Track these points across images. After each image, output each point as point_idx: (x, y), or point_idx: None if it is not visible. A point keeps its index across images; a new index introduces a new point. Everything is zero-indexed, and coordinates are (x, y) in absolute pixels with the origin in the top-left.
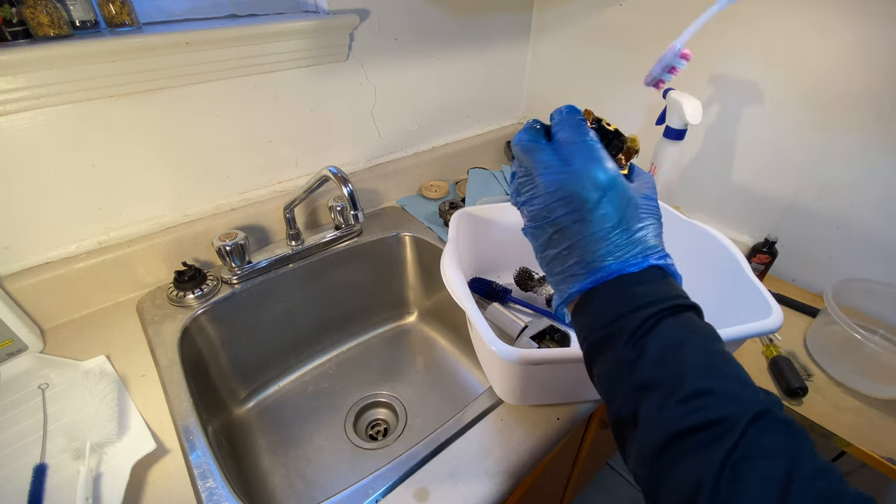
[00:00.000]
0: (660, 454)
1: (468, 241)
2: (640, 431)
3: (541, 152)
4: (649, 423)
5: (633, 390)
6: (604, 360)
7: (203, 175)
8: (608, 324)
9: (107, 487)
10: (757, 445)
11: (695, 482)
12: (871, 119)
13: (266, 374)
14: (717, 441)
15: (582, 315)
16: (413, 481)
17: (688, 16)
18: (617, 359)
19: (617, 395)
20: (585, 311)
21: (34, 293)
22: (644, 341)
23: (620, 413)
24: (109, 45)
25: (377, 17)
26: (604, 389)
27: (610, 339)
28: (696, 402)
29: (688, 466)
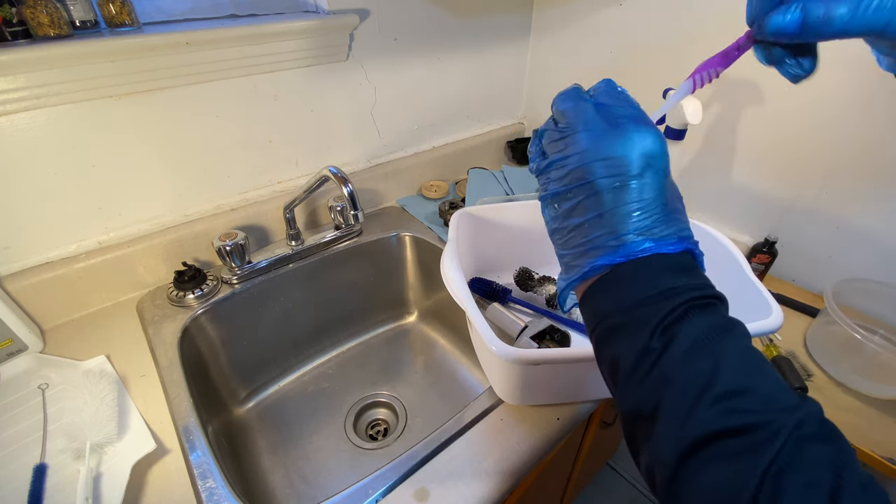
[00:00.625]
0: (687, 457)
1: (468, 241)
2: (662, 430)
3: (587, 108)
4: (676, 421)
5: (657, 384)
6: (621, 349)
7: (203, 175)
8: (629, 308)
9: (107, 487)
10: (801, 456)
11: (730, 492)
12: (871, 119)
13: (266, 374)
14: (757, 448)
15: (597, 298)
16: (413, 481)
17: (688, 16)
18: (638, 348)
19: (635, 389)
20: (602, 293)
21: (34, 293)
22: (672, 331)
23: (639, 408)
24: (109, 45)
25: (377, 17)
26: (618, 381)
27: (630, 325)
28: (732, 402)
29: (721, 473)
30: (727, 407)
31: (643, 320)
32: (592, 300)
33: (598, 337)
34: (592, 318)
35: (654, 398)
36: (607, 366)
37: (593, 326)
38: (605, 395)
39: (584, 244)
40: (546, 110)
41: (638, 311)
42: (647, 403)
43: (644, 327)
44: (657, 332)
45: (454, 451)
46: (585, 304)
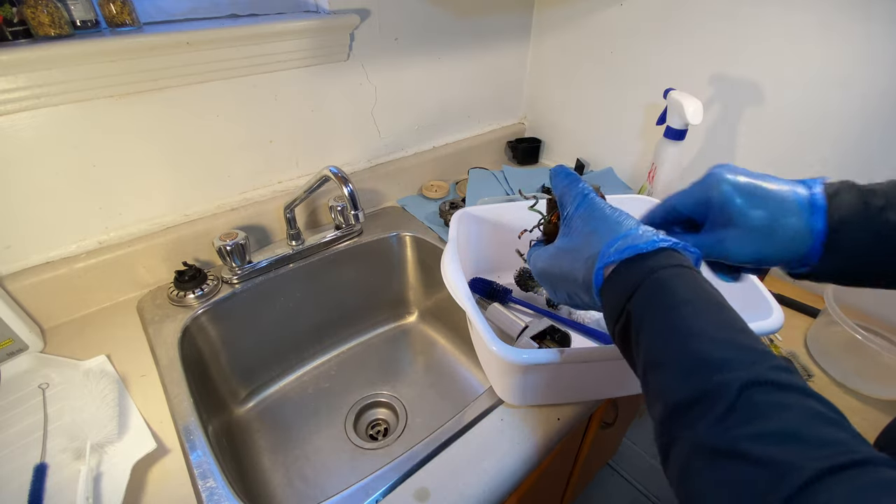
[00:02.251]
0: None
1: (469, 241)
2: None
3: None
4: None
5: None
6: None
7: (203, 175)
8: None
9: (107, 487)
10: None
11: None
12: (872, 120)
13: (266, 374)
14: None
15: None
16: (413, 481)
17: (688, 16)
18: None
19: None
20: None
21: (34, 293)
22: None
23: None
24: (110, 44)
25: (378, 17)
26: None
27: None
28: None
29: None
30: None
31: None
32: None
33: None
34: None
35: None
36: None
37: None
38: (605, 395)
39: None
40: (547, 111)
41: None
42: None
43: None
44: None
45: (454, 451)
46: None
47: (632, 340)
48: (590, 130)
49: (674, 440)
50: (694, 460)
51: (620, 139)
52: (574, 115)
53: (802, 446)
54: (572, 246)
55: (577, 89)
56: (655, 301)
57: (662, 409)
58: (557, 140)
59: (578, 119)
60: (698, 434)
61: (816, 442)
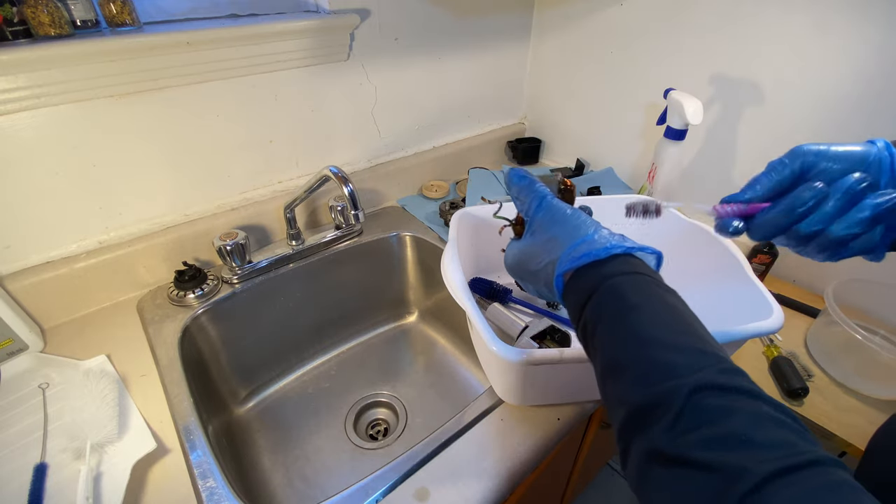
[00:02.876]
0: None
1: (469, 241)
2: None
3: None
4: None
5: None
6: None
7: (204, 175)
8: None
9: (107, 487)
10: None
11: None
12: (871, 119)
13: (266, 374)
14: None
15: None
16: (413, 481)
17: (688, 16)
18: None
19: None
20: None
21: (35, 292)
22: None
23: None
24: (110, 44)
25: (378, 17)
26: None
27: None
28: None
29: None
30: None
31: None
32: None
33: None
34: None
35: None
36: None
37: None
38: None
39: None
40: (547, 111)
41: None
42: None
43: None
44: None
45: (454, 451)
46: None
47: (589, 347)
48: (590, 130)
49: (630, 445)
50: (647, 466)
51: (620, 139)
52: (574, 115)
53: (751, 450)
54: (534, 249)
55: (577, 89)
56: (607, 308)
57: (620, 415)
58: (557, 140)
59: (578, 119)
60: (651, 439)
61: (765, 444)
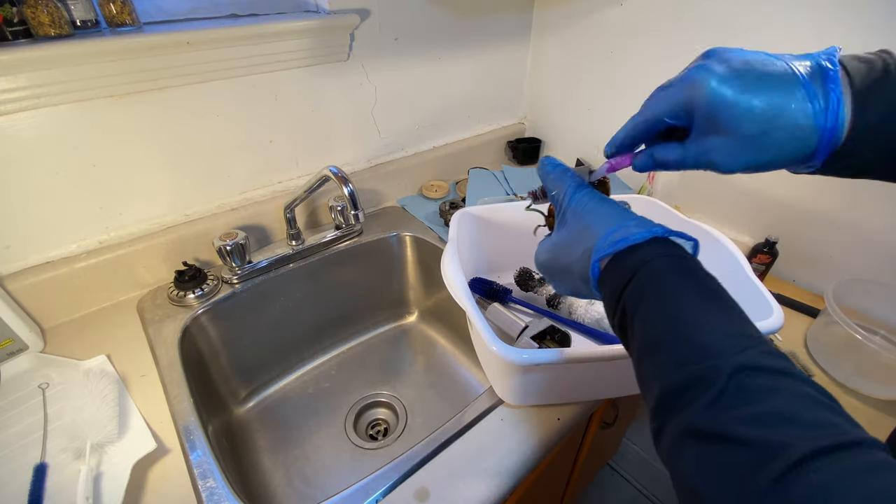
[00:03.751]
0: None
1: (469, 241)
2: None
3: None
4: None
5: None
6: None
7: (204, 175)
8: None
9: (107, 487)
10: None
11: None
12: None
13: (266, 374)
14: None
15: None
16: (413, 481)
17: (687, 15)
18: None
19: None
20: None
21: (35, 293)
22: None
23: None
24: (110, 44)
25: (378, 17)
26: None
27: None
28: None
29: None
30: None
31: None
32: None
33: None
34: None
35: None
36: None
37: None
38: (606, 395)
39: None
40: (547, 111)
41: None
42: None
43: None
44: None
45: (454, 451)
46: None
47: (627, 331)
48: (590, 130)
49: (665, 423)
50: (683, 442)
51: None
52: (574, 115)
53: (793, 427)
54: (567, 240)
55: (577, 89)
56: (648, 290)
57: (656, 393)
58: (557, 140)
59: (578, 119)
60: (689, 417)
61: (808, 424)
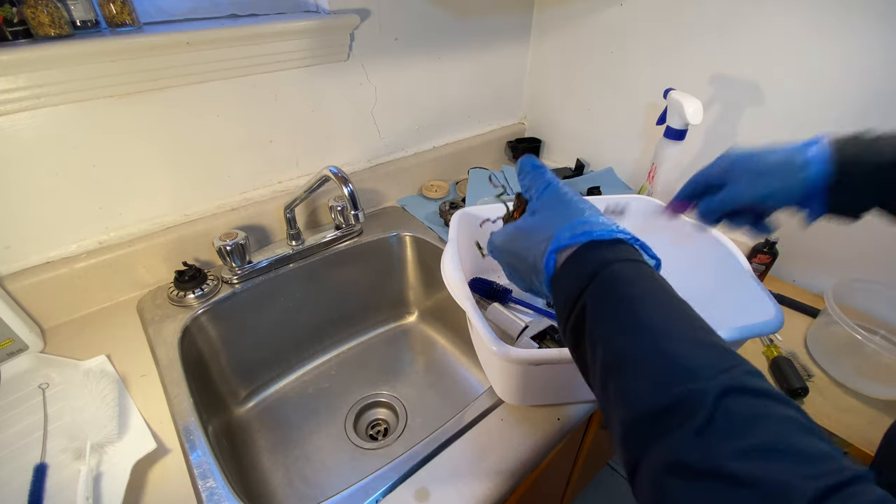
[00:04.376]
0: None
1: (469, 240)
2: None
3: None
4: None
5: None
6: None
7: (204, 175)
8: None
9: (107, 487)
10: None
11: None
12: (870, 119)
13: (266, 374)
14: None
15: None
16: (413, 481)
17: (688, 16)
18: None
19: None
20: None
21: (34, 293)
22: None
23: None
24: (110, 44)
25: (378, 17)
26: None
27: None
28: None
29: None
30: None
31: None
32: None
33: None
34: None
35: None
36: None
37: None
38: None
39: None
40: (547, 111)
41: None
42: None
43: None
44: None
45: (454, 451)
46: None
47: (585, 338)
48: (590, 130)
49: (643, 455)
50: (669, 480)
51: (620, 139)
52: (574, 115)
53: (791, 461)
54: (529, 227)
55: (577, 89)
56: (614, 293)
57: (627, 418)
58: (557, 140)
59: (578, 119)
60: (674, 449)
61: (804, 457)
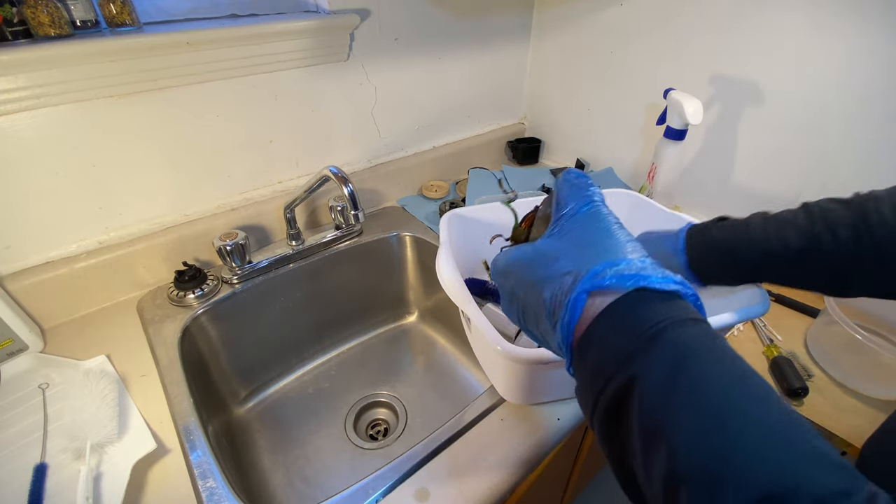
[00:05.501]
0: None
1: (460, 241)
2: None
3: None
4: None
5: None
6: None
7: (204, 175)
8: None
9: (107, 487)
10: None
11: None
12: (870, 119)
13: (266, 374)
14: None
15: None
16: (413, 481)
17: (688, 16)
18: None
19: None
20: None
21: (34, 293)
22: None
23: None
24: (110, 44)
25: (378, 17)
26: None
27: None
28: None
29: None
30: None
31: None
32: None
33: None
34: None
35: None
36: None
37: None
38: None
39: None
40: (547, 110)
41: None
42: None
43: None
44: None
45: (454, 451)
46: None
47: (632, 424)
48: (590, 130)
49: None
50: None
51: (620, 139)
52: (574, 115)
53: None
54: (550, 251)
55: (577, 89)
56: (688, 369)
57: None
58: (557, 140)
59: (578, 119)
60: None
61: None
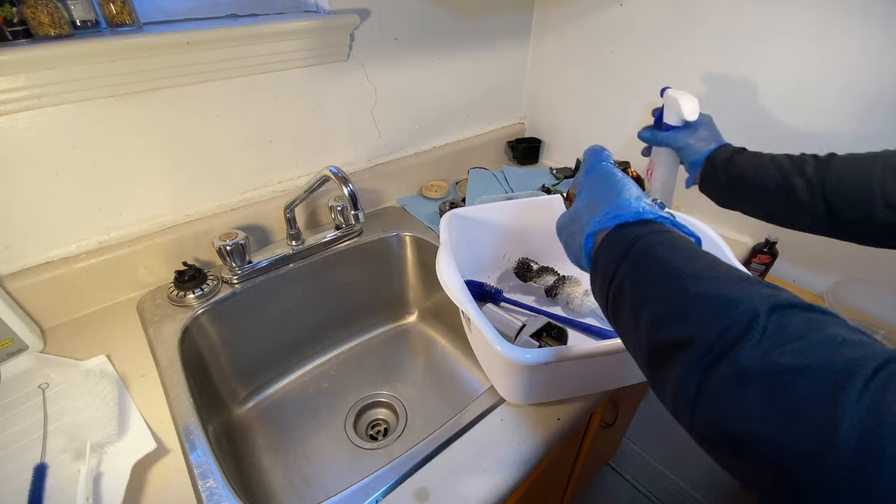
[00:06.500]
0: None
1: (459, 243)
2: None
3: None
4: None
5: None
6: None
7: (204, 175)
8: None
9: (107, 487)
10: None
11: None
12: (870, 119)
13: (266, 374)
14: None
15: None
16: (413, 481)
17: (687, 15)
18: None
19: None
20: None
21: (34, 293)
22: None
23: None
24: (110, 44)
25: (378, 17)
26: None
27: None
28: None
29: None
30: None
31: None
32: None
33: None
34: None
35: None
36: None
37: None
38: (609, 388)
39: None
40: (547, 110)
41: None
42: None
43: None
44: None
45: (454, 451)
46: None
47: (624, 308)
48: (590, 130)
49: (707, 375)
50: (741, 390)
51: (620, 139)
52: (574, 115)
53: (852, 349)
54: (577, 210)
55: (577, 89)
56: (648, 259)
57: (686, 355)
58: (557, 140)
59: (578, 119)
60: (738, 363)
61: (861, 344)
